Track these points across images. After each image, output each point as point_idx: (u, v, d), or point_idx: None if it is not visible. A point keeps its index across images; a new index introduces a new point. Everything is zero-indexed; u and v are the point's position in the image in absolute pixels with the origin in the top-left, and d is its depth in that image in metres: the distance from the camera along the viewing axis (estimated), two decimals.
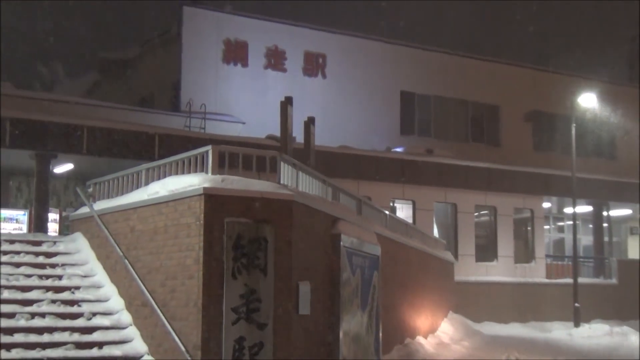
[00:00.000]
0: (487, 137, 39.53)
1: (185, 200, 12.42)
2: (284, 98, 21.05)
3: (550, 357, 20.99)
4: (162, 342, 12.53)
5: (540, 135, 40.64)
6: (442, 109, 38.37)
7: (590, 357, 21.68)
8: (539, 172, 35.12)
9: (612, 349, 24.40)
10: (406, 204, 32.01)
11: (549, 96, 39.27)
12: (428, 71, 37.90)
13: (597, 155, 40.61)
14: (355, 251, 15.23)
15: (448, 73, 38.37)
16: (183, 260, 12.29)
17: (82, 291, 14.54)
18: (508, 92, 39.83)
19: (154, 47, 35.94)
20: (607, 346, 25.33)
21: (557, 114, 38.85)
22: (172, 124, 28.72)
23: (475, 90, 39.00)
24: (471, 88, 38.84)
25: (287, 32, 34.86)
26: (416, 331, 21.10)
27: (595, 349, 24.39)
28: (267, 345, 11.84)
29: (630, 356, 21.98)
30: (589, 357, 21.82)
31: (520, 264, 34.98)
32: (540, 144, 40.45)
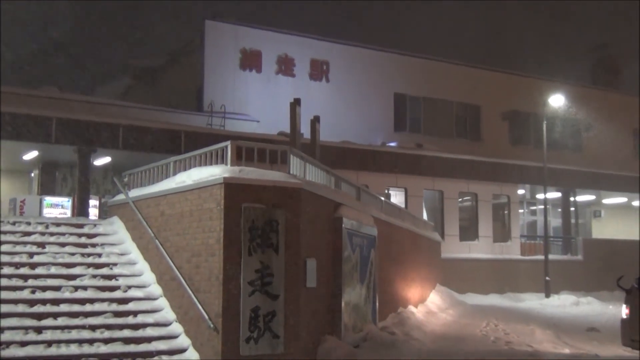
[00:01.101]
0: (470, 133, 39.52)
1: (208, 188, 12.44)
2: (293, 100, 20.98)
3: (524, 324, 21.00)
4: (188, 311, 12.59)
5: (515, 131, 40.67)
6: (430, 109, 38.35)
7: (559, 324, 21.68)
8: (514, 163, 35.15)
9: (578, 316, 24.44)
10: (399, 191, 31.99)
11: (524, 97, 39.30)
12: (418, 75, 37.91)
13: (565, 148, 40.57)
14: (355, 232, 15.26)
15: (435, 77, 38.39)
16: (206, 240, 12.32)
17: (118, 267, 14.63)
18: (488, 94, 39.85)
19: (180, 55, 36.06)
20: (574, 314, 25.40)
21: (530, 112, 38.96)
22: (196, 122, 28.77)
23: (459, 92, 39.02)
24: (456, 90, 38.85)
25: (296, 42, 34.88)
26: (408, 301, 21.14)
27: (563, 316, 24.45)
28: (279, 313, 11.89)
29: (593, 322, 21.97)
30: (558, 323, 21.82)
31: (498, 242, 34.99)
32: (515, 139, 40.46)
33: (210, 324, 11.69)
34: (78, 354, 11.50)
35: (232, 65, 33.08)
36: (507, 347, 16.67)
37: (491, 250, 34.25)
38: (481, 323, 20.90)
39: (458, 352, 15.32)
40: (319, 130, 21.91)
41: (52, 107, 25.21)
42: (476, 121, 40.01)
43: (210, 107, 30.59)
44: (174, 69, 36.49)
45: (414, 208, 30.83)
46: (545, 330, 19.70)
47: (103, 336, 12.14)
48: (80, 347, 11.69)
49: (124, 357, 11.71)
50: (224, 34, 33.18)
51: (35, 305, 12.53)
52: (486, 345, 17.02)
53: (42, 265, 13.99)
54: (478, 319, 22.05)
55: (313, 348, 12.75)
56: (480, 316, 22.73)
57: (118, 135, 24.50)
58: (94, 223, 17.17)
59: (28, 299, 12.69)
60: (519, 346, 16.87)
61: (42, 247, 14.81)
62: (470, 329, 19.66)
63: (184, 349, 12.25)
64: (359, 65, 36.25)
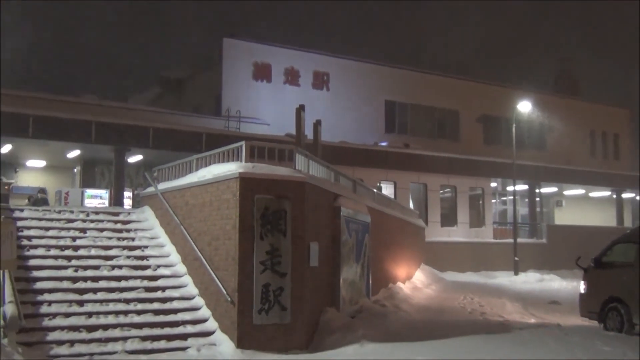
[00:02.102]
0: (449, 134, 39.45)
1: (226, 182, 12.43)
2: (298, 106, 21.01)
3: (496, 297, 21.02)
4: (208, 287, 12.59)
5: (489, 132, 40.58)
6: (416, 113, 38.31)
7: (526, 297, 21.68)
8: (487, 160, 35.10)
9: (542, 291, 24.44)
10: (389, 184, 31.98)
11: (496, 103, 39.34)
12: (405, 85, 37.85)
13: (531, 147, 40.50)
14: (351, 219, 15.26)
15: (420, 86, 38.36)
16: (224, 226, 12.32)
17: (149, 249, 14.64)
18: (465, 101, 39.79)
19: (201, 68, 36.02)
20: (539, 289, 25.39)
21: (501, 116, 38.88)
22: (215, 125, 28.74)
23: (441, 99, 38.96)
24: (437, 98, 38.79)
25: (300, 56, 34.86)
26: (397, 278, 21.13)
27: (529, 291, 24.44)
28: (286, 288, 11.89)
29: (555, 296, 21.97)
30: (525, 297, 21.83)
31: (474, 228, 34.97)
32: (488, 139, 40.35)
33: (228, 298, 11.70)
34: (115, 323, 11.54)
35: (246, 76, 33.08)
36: (482, 317, 16.70)
37: (468, 235, 34.24)
38: (459, 297, 20.92)
39: (440, 322, 15.34)
40: (321, 132, 21.89)
41: (91, 112, 25.19)
42: (455, 124, 39.95)
43: (227, 112, 30.58)
44: (197, 80, 36.49)
45: (402, 198, 30.81)
46: (514, 303, 19.71)
47: (136, 308, 12.17)
48: (117, 317, 11.73)
49: (154, 326, 11.74)
50: (239, 50, 33.18)
51: (77, 282, 12.56)
52: (464, 315, 17.06)
53: (83, 247, 14.01)
54: (457, 293, 22.07)
55: (316, 318, 12.76)
56: (459, 291, 22.75)
57: (148, 137, 24.53)
58: (128, 211, 17.20)
59: (71, 276, 12.72)
60: (491, 316, 16.90)
61: (83, 232, 14.83)
62: (450, 302, 19.69)
63: (205, 319, 12.28)
64: (354, 76, 36.23)
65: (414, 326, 14.33)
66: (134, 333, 11.36)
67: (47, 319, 11.22)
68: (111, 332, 11.27)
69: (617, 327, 14.01)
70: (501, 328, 14.52)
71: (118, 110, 26.97)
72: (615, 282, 14.46)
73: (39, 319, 11.15)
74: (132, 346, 10.99)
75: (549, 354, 10.93)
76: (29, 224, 14.59)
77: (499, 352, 11.01)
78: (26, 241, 13.69)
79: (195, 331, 11.89)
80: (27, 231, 14.19)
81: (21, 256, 12.80)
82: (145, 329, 11.59)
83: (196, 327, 12.01)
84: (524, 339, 12.76)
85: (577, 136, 44.17)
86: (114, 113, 25.91)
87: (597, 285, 15.00)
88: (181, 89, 37.72)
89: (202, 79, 35.67)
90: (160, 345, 11.22)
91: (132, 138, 24.22)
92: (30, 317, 11.01)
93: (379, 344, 11.67)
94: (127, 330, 11.42)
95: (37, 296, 11.78)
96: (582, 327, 14.86)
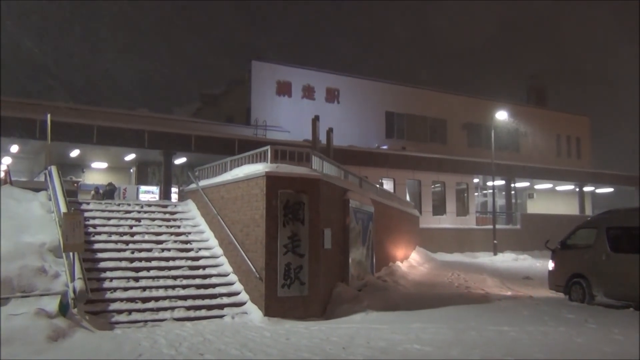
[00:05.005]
0: (439, 138, 39.35)
1: (254, 179, 12.43)
2: (313, 117, 21.01)
3: (479, 274, 20.92)
4: (240, 266, 12.61)
5: (472, 137, 40.43)
6: (411, 122, 38.22)
7: (503, 274, 21.58)
8: (471, 160, 34.99)
9: (517, 269, 24.32)
10: (389, 180, 31.92)
11: (477, 113, 39.17)
12: (402, 98, 37.79)
13: (507, 149, 40.28)
14: (358, 209, 15.22)
15: (415, 99, 38.29)
16: (253, 215, 12.33)
17: (192, 235, 14.67)
18: (452, 111, 39.69)
19: (233, 85, 36.10)
20: (514, 267, 25.27)
21: (482, 124, 38.72)
22: (245, 133, 28.85)
23: (432, 110, 38.87)
24: (429, 109, 38.71)
25: (315, 75, 34.87)
26: (396, 258, 21.10)
27: (506, 268, 24.32)
28: (305, 267, 11.88)
29: (528, 272, 21.84)
30: (503, 273, 21.72)
31: (460, 216, 34.85)
32: (472, 143, 40.22)
33: (257, 275, 11.72)
34: (164, 295, 11.58)
35: (270, 92, 33.13)
36: (467, 290, 16.61)
37: (455, 222, 34.13)
38: (448, 274, 20.85)
39: (431, 294, 15.28)
40: (332, 138, 21.89)
41: (144, 122, 25.36)
42: (444, 130, 39.81)
43: (256, 122, 30.66)
44: (230, 95, 36.60)
45: (400, 192, 30.75)
46: (493, 279, 19.61)
47: (182, 283, 12.21)
48: (166, 291, 11.77)
49: (196, 298, 11.77)
50: (265, 70, 33.22)
51: (134, 262, 12.62)
52: (452, 289, 16.98)
53: (138, 234, 14.06)
54: (446, 270, 22.00)
55: (329, 291, 12.75)
56: (447, 269, 22.67)
57: (191, 143, 24.65)
58: (175, 204, 17.24)
59: (129, 257, 12.79)
60: (475, 289, 16.81)
61: (138, 221, 14.89)
62: (440, 278, 19.62)
63: (238, 292, 12.29)
64: (360, 91, 36.18)
65: (410, 298, 14.30)
66: (180, 304, 11.40)
67: (109, 292, 11.29)
68: (161, 303, 11.32)
69: (580, 298, 13.91)
70: (483, 299, 14.46)
71: (165, 121, 27.13)
72: (578, 260, 14.34)
73: (102, 293, 11.23)
74: (178, 314, 11.02)
75: (523, 320, 10.85)
76: (93, 215, 14.68)
77: (481, 318, 10.95)
78: (91, 229, 13.76)
79: (230, 302, 11.90)
80: (92, 220, 14.28)
81: (88, 241, 12.91)
82: (189, 300, 11.63)
83: (231, 299, 12.03)
84: (502, 308, 12.69)
85: (546, 140, 43.92)
86: (162, 123, 26.06)
87: (563, 263, 14.89)
88: (217, 103, 37.87)
89: (234, 95, 35.78)
90: (201, 314, 11.24)
91: (177, 144, 24.37)
92: (95, 291, 11.10)
93: (381, 313, 11.64)
94: (175, 301, 11.46)
95: (100, 274, 11.85)
96: (550, 298, 14.75)
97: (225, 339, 9.08)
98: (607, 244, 13.67)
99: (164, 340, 8.97)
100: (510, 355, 7.78)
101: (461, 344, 8.57)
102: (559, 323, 10.58)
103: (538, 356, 7.82)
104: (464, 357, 7.71)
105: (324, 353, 8.03)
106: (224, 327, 10.41)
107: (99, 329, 9.76)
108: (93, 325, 9.76)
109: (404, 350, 8.10)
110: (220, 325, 10.55)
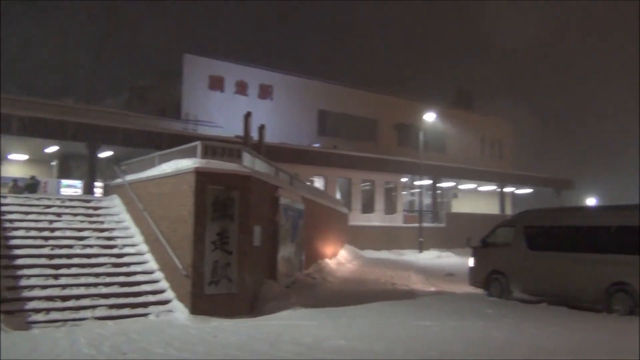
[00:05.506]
0: (370, 138, 39.84)
1: (183, 175, 12.21)
2: (246, 112, 20.86)
3: (404, 271, 21.38)
4: (167, 263, 12.34)
5: (401, 137, 41.17)
6: (343, 120, 38.50)
7: (427, 270, 22.16)
8: (400, 159, 35.74)
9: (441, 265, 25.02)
10: (320, 178, 32.16)
11: (407, 114, 39.94)
12: (335, 97, 38.02)
13: (435, 149, 41.37)
14: (288, 207, 15.25)
15: (347, 99, 38.59)
16: (181, 212, 12.09)
17: (116, 231, 14.23)
18: (383, 111, 40.31)
19: (164, 78, 35.14)
20: (438, 264, 26.01)
21: (412, 124, 39.46)
22: (176, 127, 28.22)
23: (364, 109, 39.33)
24: (361, 108, 39.13)
25: (249, 71, 34.50)
26: (325, 255, 21.26)
27: (431, 265, 25.00)
28: (233, 264, 11.77)
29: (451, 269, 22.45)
30: (427, 270, 22.31)
31: (388, 214, 35.58)
32: (401, 143, 40.96)
33: (184, 272, 11.51)
34: (85, 294, 11.19)
35: (203, 86, 32.52)
36: (392, 287, 16.99)
37: (383, 220, 34.81)
38: (375, 270, 21.21)
39: (359, 290, 15.52)
40: (265, 135, 21.82)
41: (69, 113, 24.31)
42: (374, 130, 40.41)
43: (186, 117, 30.05)
44: (161, 88, 35.57)
45: (331, 190, 31.05)
46: (418, 275, 20.14)
47: (104, 281, 11.84)
48: (87, 289, 11.38)
49: (120, 296, 11.43)
50: (197, 64, 32.57)
51: (53, 259, 12.11)
52: (379, 285, 17.31)
53: (59, 229, 13.51)
54: (373, 267, 22.37)
55: (257, 289, 12.70)
56: (375, 266, 23.06)
57: (117, 136, 23.89)
58: (99, 199, 16.70)
59: (48, 254, 12.26)
60: (400, 286, 17.22)
61: (59, 216, 14.30)
62: (368, 275, 19.94)
63: (164, 290, 12.03)
64: (294, 89, 36.14)
65: (338, 294, 14.48)
66: (102, 302, 11.04)
67: (26, 290, 10.77)
68: (82, 301, 10.92)
69: (498, 294, 14.55)
70: (408, 295, 14.85)
71: (91, 112, 26.10)
72: (497, 258, 14.99)
73: (19, 291, 10.70)
74: (100, 313, 10.67)
75: (445, 315, 11.23)
76: (10, 209, 13.94)
77: (405, 314, 11.24)
78: (8, 224, 13.08)
79: (155, 300, 11.63)
80: (10, 215, 13.57)
81: (3, 236, 12.27)
82: (112, 298, 11.27)
83: (156, 297, 11.75)
84: (425, 303, 13.07)
85: (471, 141, 45.40)
86: (88, 114, 25.07)
87: (483, 260, 15.50)
88: (147, 95, 36.76)
89: (165, 88, 34.86)
90: (124, 312, 10.93)
91: (103, 136, 23.57)
92: (11, 289, 10.58)
93: (308, 309, 11.73)
94: (96, 299, 11.08)
95: (17, 271, 11.29)
96: (471, 294, 15.31)
97: (150, 338, 8.87)
98: (524, 242, 14.37)
99: (84, 339, 8.65)
100: (433, 349, 8.05)
101: (386, 338, 8.78)
102: (478, 318, 11.03)
103: (458, 349, 8.13)
104: (389, 351, 7.90)
105: (251, 350, 8.00)
106: (148, 325, 10.17)
107: (14, 329, 9.30)
108: (8, 326, 9.29)
109: (330, 346, 8.20)
110: (145, 324, 10.29)
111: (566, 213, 14.67)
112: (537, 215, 15.16)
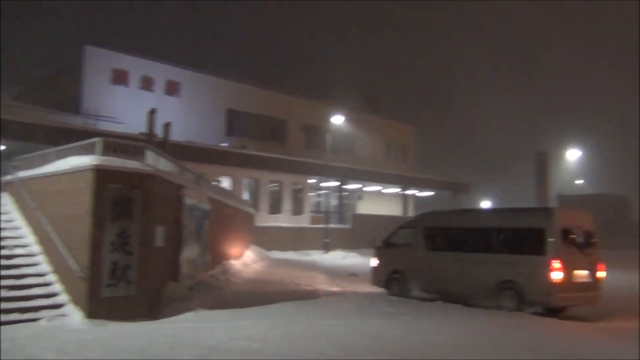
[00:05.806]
0: (279, 138, 39.96)
1: (81, 172, 11.63)
2: (150, 109, 20.25)
3: (310, 271, 21.66)
4: (61, 265, 11.68)
5: (309, 139, 41.54)
6: (252, 120, 38.34)
7: (332, 271, 22.45)
8: (308, 161, 36.16)
9: (345, 266, 25.38)
10: (228, 178, 31.83)
11: (316, 116, 40.43)
12: (245, 97, 37.80)
13: (342, 151, 42.12)
14: (193, 207, 14.99)
15: (257, 99, 38.49)
16: (78, 211, 11.50)
17: (6, 231, 13.26)
18: (292, 112, 40.56)
19: (66, 69, 33.28)
20: (343, 264, 26.38)
21: (320, 126, 40.01)
22: (75, 122, 26.86)
23: (273, 110, 39.39)
24: (270, 108, 39.17)
25: (155, 66, 33.50)
26: (230, 256, 21.06)
27: (335, 266, 25.34)
28: (133, 265, 11.37)
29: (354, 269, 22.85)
30: (332, 270, 22.61)
31: (295, 215, 35.88)
32: (309, 144, 41.34)
33: (80, 274, 10.97)
34: None
35: (105, 80, 31.14)
36: (297, 287, 17.13)
37: (290, 221, 35.04)
38: (281, 271, 21.32)
39: (264, 291, 15.53)
40: (170, 132, 21.30)
41: None
42: (283, 130, 40.55)
43: (87, 111, 28.65)
44: (59, 80, 33.65)
45: (238, 190, 30.82)
46: (323, 275, 20.46)
47: None
48: None
49: (8, 300, 10.69)
50: (99, 56, 31.16)
51: None
52: (284, 285, 17.40)
53: None
54: (279, 268, 22.46)
55: (159, 291, 12.36)
56: (281, 267, 23.17)
57: (10, 129, 22.42)
58: None
59: None
60: (305, 286, 17.40)
61: None
62: (274, 276, 19.99)
63: (57, 293, 11.39)
64: (203, 87, 35.53)
65: (242, 295, 14.40)
66: None
67: None
68: None
69: (398, 292, 15.10)
70: (311, 295, 15.05)
71: None
72: (398, 258, 15.56)
73: None
74: None
75: (348, 314, 11.51)
76: None
77: (310, 313, 11.40)
78: None
79: (47, 304, 10.97)
80: None
81: None
82: None
83: (48, 300, 11.10)
84: (328, 302, 13.33)
85: (376, 145, 46.69)
86: None
87: (384, 260, 16.02)
88: (44, 87, 34.65)
89: (65, 80, 33.01)
90: (13, 317, 10.22)
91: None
92: None
93: (211, 311, 11.57)
94: None
95: None
96: (372, 293, 15.75)
97: (41, 344, 8.39)
98: (423, 242, 15.02)
99: None
100: (337, 347, 8.22)
101: (290, 338, 8.85)
102: (379, 316, 11.40)
103: (359, 345, 8.38)
104: (292, 351, 7.98)
105: (149, 354, 7.79)
106: (39, 330, 9.60)
107: None
108: None
109: (232, 348, 8.15)
110: (35, 329, 9.70)
111: (461, 215, 15.50)
112: (435, 217, 15.90)
